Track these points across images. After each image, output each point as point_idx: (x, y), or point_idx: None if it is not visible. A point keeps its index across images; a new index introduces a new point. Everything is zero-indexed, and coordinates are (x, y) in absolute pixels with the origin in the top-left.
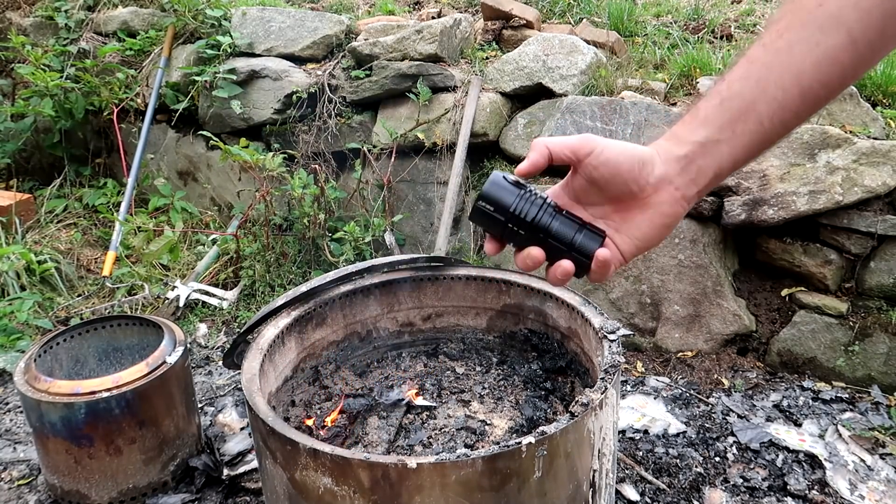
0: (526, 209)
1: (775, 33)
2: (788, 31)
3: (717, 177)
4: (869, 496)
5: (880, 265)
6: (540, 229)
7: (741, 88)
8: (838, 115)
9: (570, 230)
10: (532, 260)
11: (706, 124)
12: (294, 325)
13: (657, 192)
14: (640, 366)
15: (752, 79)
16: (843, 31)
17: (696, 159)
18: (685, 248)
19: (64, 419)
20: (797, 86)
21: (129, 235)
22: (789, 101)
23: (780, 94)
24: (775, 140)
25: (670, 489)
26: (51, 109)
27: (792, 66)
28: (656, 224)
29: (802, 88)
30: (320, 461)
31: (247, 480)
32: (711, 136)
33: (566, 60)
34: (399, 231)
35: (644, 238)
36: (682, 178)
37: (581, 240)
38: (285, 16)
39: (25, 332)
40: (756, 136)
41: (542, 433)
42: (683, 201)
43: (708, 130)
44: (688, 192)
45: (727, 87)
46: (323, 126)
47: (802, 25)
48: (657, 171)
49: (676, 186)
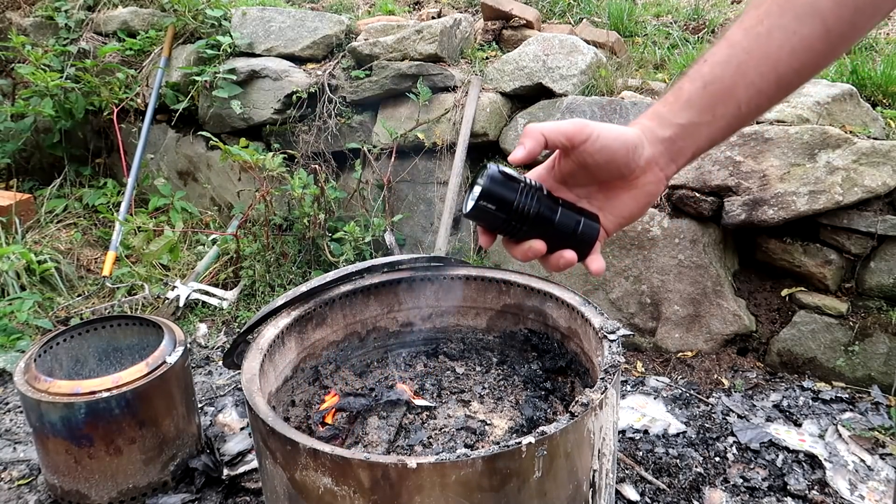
0: (527, 204)
1: (755, 18)
2: (768, 17)
3: (693, 156)
4: (869, 496)
5: (880, 265)
6: (543, 222)
7: (723, 73)
8: (838, 115)
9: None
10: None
11: (689, 107)
12: (294, 325)
13: (645, 173)
14: (640, 366)
15: (732, 63)
16: (818, 20)
17: (678, 141)
18: (685, 248)
19: (64, 419)
20: (774, 72)
21: (129, 235)
22: (766, 86)
23: (758, 79)
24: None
25: (670, 489)
26: (51, 109)
27: (770, 54)
28: (640, 203)
29: (778, 75)
30: (320, 461)
31: (247, 480)
32: (693, 119)
33: (566, 60)
34: (399, 231)
35: (629, 215)
36: (664, 158)
37: (583, 229)
38: (285, 16)
39: (25, 332)
40: (733, 120)
41: (542, 433)
42: (665, 179)
43: (690, 113)
44: (668, 170)
45: (710, 69)
46: (323, 126)
47: (781, 13)
48: (646, 154)
49: (660, 166)
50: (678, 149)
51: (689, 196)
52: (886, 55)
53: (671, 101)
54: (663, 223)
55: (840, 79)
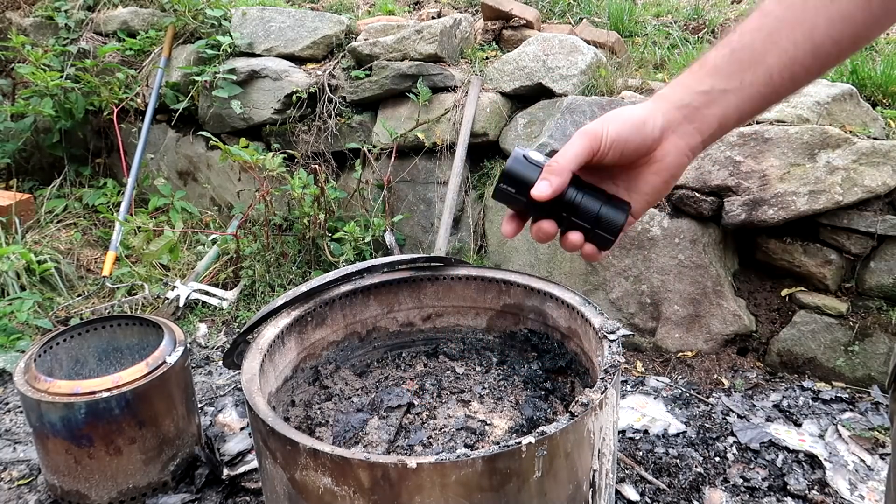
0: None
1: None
2: None
3: (721, 127)
4: (869, 496)
5: (880, 265)
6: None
7: (752, 40)
8: (838, 115)
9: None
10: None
11: (714, 73)
12: (294, 325)
13: (661, 144)
14: (640, 366)
15: (763, 30)
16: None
17: (701, 108)
18: (685, 248)
19: (64, 419)
20: (809, 41)
21: (129, 235)
22: (801, 55)
23: (791, 47)
24: (783, 95)
25: (670, 489)
26: (51, 109)
27: (805, 21)
28: (664, 177)
29: (815, 44)
30: (320, 461)
31: (247, 480)
32: (718, 86)
33: (566, 60)
34: (399, 231)
35: (654, 192)
36: (685, 127)
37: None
38: (285, 16)
39: (25, 332)
40: (764, 89)
41: (542, 433)
42: (688, 151)
43: (715, 80)
44: (692, 140)
45: (738, 37)
46: (323, 126)
47: None
48: (658, 123)
49: (679, 136)
50: (701, 116)
51: (689, 196)
52: (886, 55)
53: (696, 69)
54: (663, 223)
55: (840, 79)
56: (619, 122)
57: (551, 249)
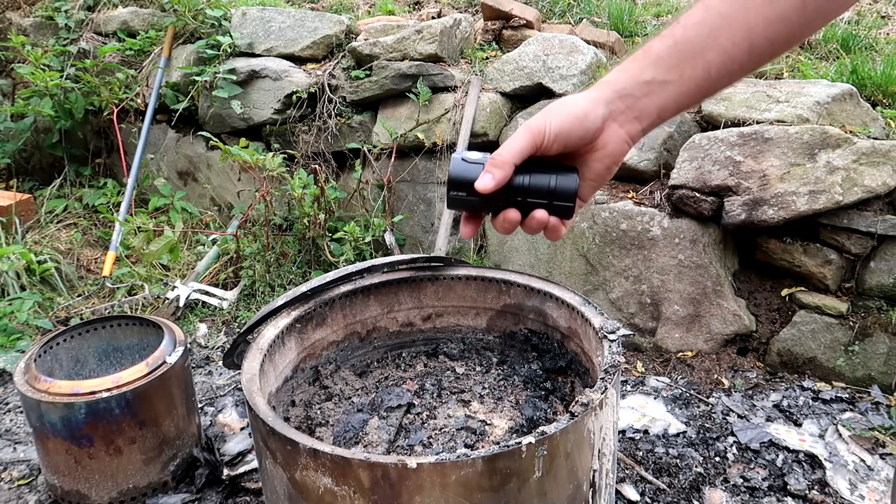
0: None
1: None
2: None
3: (660, 117)
4: (869, 496)
5: (880, 265)
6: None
7: (694, 35)
8: (838, 114)
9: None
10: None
11: (657, 64)
12: (294, 325)
13: (603, 132)
14: (640, 366)
15: (706, 26)
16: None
17: (643, 98)
18: (685, 248)
19: (64, 419)
20: (747, 40)
21: (129, 235)
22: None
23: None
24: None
25: (670, 489)
26: (51, 109)
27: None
28: (606, 164)
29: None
30: (320, 461)
31: (247, 480)
32: (659, 77)
33: (566, 60)
34: (399, 231)
35: (598, 178)
36: (626, 115)
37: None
38: (285, 16)
39: (25, 332)
40: (702, 83)
41: (542, 433)
42: (629, 139)
43: (657, 71)
44: (633, 129)
45: (682, 30)
46: (323, 126)
47: None
48: (600, 113)
49: (620, 124)
50: (642, 105)
51: (689, 196)
52: (886, 55)
53: (640, 57)
54: (663, 223)
55: (840, 79)
56: (562, 116)
57: (551, 249)
